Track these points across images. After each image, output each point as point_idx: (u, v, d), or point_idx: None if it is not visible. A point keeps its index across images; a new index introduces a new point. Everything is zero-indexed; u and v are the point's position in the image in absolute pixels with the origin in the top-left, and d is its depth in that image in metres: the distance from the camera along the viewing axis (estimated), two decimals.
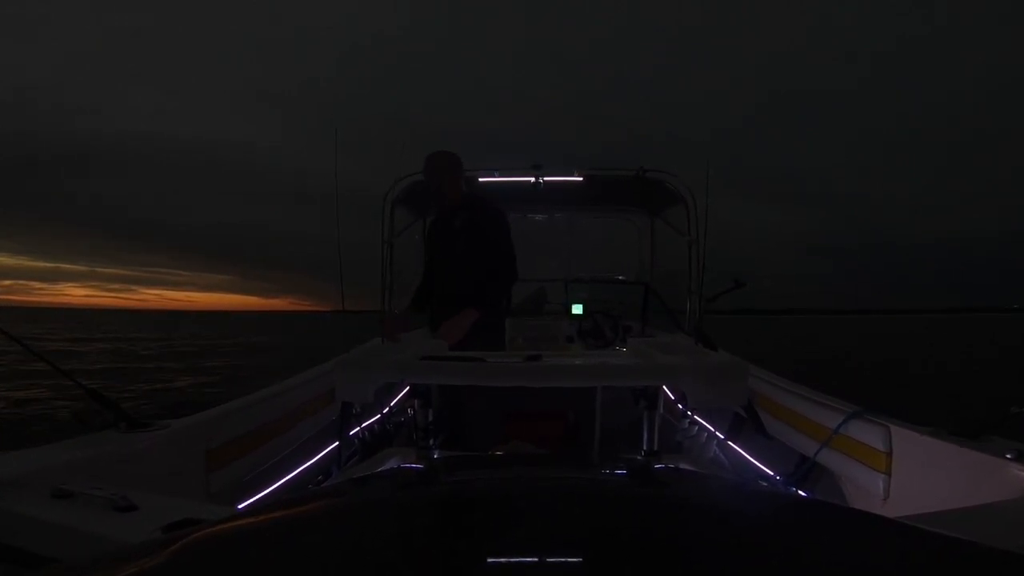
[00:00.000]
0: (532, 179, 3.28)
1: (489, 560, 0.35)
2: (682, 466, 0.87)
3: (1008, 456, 1.01)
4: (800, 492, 1.54)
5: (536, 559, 0.35)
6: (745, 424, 2.06)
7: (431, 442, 1.00)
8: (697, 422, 2.61)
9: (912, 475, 1.22)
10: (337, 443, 1.99)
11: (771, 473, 1.82)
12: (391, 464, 1.09)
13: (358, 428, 2.34)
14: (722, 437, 2.29)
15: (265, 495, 1.59)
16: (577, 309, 3.71)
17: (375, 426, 2.53)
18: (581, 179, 3.29)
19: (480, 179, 3.34)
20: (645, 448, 0.88)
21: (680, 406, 2.70)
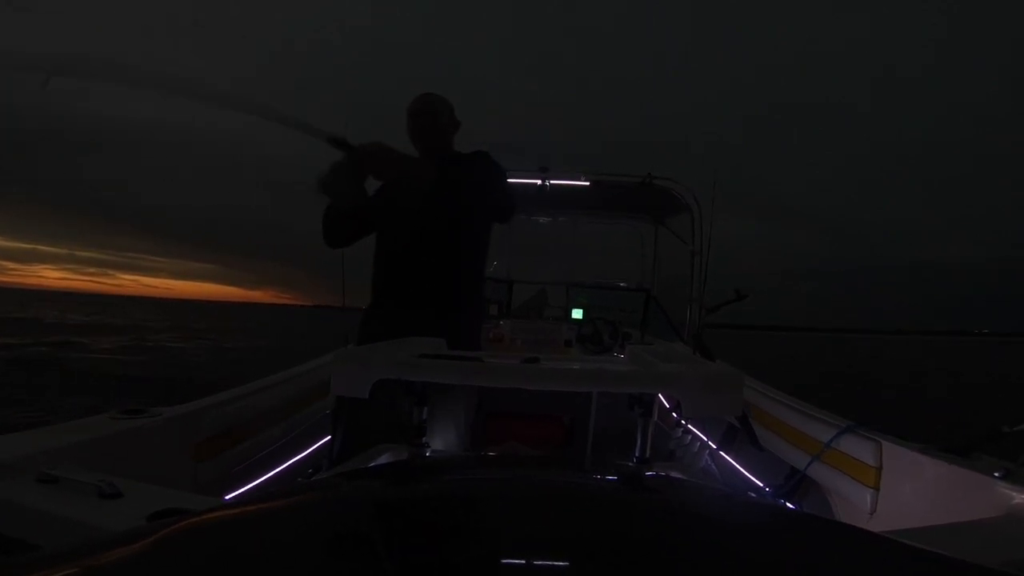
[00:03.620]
0: (539, 181, 3.27)
1: (473, 560, 0.35)
2: (673, 474, 0.87)
3: (996, 474, 1.01)
4: (788, 504, 1.53)
5: (523, 561, 0.35)
6: (738, 435, 2.06)
7: (424, 440, 1.00)
8: (690, 431, 2.61)
9: (900, 491, 1.22)
10: (329, 437, 1.99)
11: (761, 484, 1.82)
12: (382, 460, 1.09)
13: (352, 423, 2.34)
14: (714, 447, 2.29)
15: (253, 487, 1.59)
16: (577, 313, 3.71)
17: (369, 422, 2.53)
18: (588, 183, 3.28)
19: None
20: (637, 455, 0.87)
21: (674, 415, 2.70)
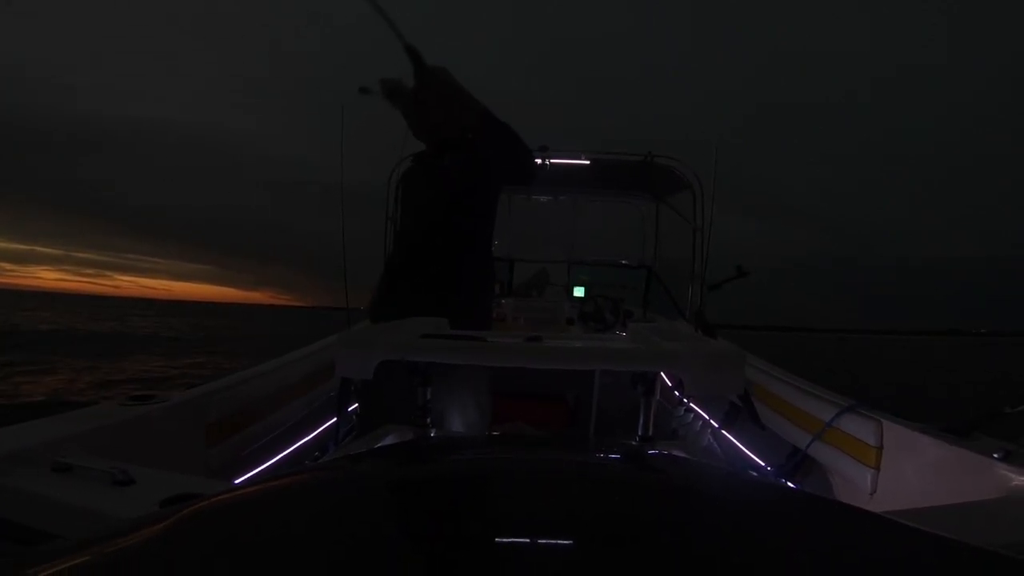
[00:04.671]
0: (538, 160, 3.26)
1: (478, 538, 0.35)
2: (675, 453, 0.88)
3: (996, 455, 1.01)
4: (788, 484, 1.55)
5: (527, 540, 0.35)
6: (740, 413, 2.07)
7: (428, 420, 1.01)
8: (693, 410, 2.63)
9: (901, 471, 1.23)
10: (335, 419, 2.01)
11: (762, 463, 1.83)
12: (388, 441, 1.10)
13: (356, 405, 2.37)
14: (716, 426, 2.31)
15: (263, 470, 1.61)
16: (579, 292, 3.72)
17: (374, 403, 2.55)
18: (588, 162, 3.26)
19: None
20: (640, 434, 0.88)
21: (677, 393, 2.71)
